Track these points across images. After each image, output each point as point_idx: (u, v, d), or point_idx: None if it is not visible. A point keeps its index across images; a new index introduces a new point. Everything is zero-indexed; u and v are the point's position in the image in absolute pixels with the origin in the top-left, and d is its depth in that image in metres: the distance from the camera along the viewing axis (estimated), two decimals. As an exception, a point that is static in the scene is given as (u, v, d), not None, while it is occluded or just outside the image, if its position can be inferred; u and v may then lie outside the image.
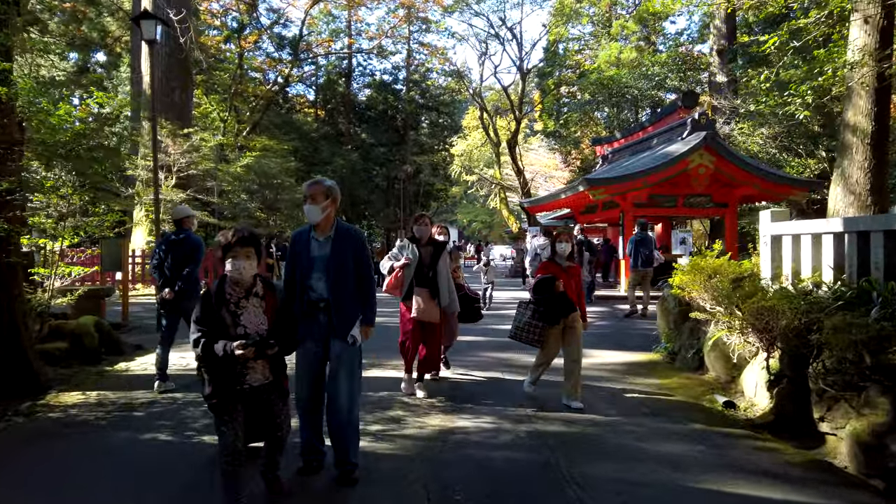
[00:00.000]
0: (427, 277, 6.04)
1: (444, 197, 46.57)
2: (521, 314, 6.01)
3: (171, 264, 6.27)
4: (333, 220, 4.05)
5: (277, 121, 36.83)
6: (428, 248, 6.13)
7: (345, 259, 3.95)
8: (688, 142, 15.28)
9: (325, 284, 3.93)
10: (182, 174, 19.53)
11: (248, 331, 3.38)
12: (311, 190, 3.96)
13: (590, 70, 31.12)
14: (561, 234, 6.21)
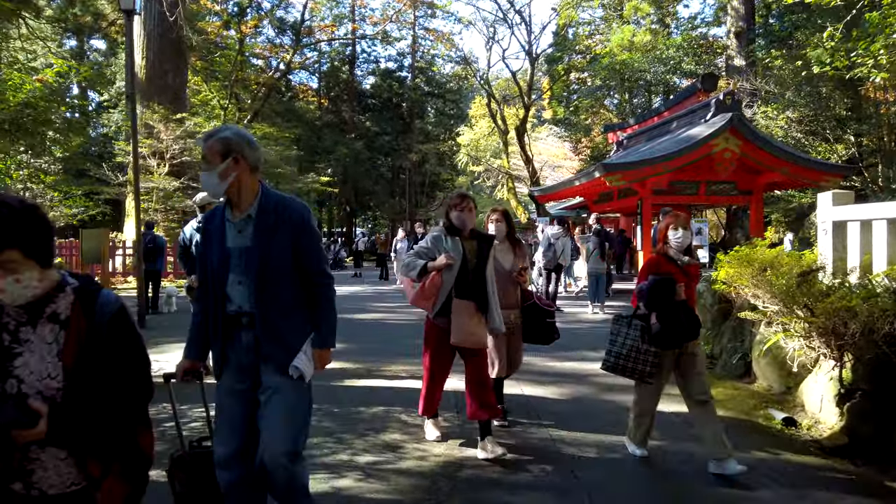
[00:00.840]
0: (471, 285, 4.11)
1: (450, 187, 45.51)
2: (622, 334, 4.13)
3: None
4: (256, 190, 2.64)
5: (279, 108, 35.88)
6: (471, 244, 4.21)
7: (275, 250, 2.61)
8: (712, 124, 14.24)
9: (246, 289, 2.61)
10: (175, 161, 18.61)
11: (23, 387, 1.67)
12: (204, 148, 2.61)
13: (601, 55, 29.99)
14: (675, 215, 4.21)
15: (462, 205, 4.15)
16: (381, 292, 15.75)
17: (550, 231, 11.26)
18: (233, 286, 2.64)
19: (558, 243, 11.04)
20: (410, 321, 10.27)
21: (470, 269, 4.10)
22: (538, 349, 5.61)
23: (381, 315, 11.13)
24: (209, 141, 2.59)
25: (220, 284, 2.64)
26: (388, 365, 6.80)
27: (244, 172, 2.59)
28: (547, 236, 11.17)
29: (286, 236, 2.62)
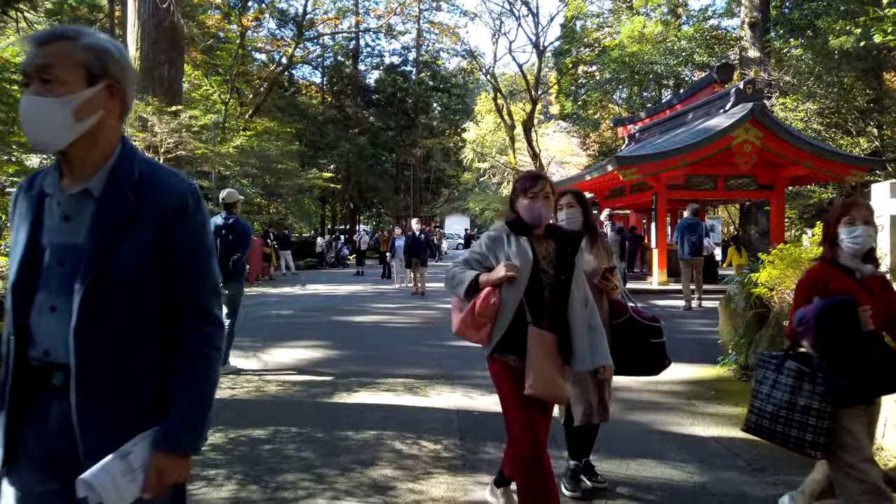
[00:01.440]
0: (550, 308, 2.76)
1: (455, 184, 44.84)
2: (768, 382, 2.82)
3: (220, 249, 6.06)
4: (112, 150, 1.55)
5: (282, 103, 35.18)
6: (546, 245, 2.81)
7: (125, 257, 1.48)
8: (731, 114, 13.48)
9: (64, 322, 1.45)
10: (170, 155, 17.93)
11: None
12: (46, 53, 1.45)
13: (611, 47, 29.19)
14: (852, 202, 2.81)
15: (535, 189, 2.73)
16: (381, 292, 15.05)
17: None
18: (40, 314, 1.49)
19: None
20: (410, 325, 9.56)
21: (547, 284, 2.71)
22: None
23: (380, 317, 10.43)
24: (60, 43, 1.45)
25: (22, 308, 1.50)
26: (383, 376, 6.10)
27: (112, 115, 1.53)
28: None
29: (148, 235, 1.51)
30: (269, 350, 7.48)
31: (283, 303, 12.71)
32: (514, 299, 2.67)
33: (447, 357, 7.08)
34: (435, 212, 44.18)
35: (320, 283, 17.64)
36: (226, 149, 19.43)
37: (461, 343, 8.13)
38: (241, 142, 20.97)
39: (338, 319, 10.08)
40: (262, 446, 4.08)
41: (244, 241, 6.32)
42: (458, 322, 2.83)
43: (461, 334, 2.87)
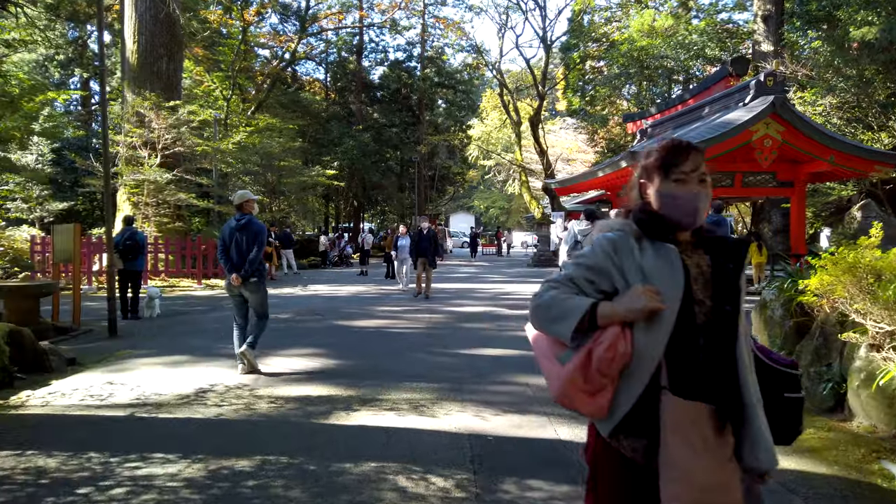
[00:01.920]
0: (706, 360, 1.70)
1: (461, 181, 44.23)
2: None
3: (236, 249, 6.32)
4: None
5: (284, 100, 34.72)
6: (699, 260, 1.81)
7: None
8: (751, 108, 12.88)
9: None
10: (168, 152, 17.42)
11: None
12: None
13: (620, 41, 28.57)
14: None
15: (685, 167, 1.78)
16: (385, 293, 14.51)
17: (577, 227, 9.89)
18: None
19: (587, 241, 9.66)
20: (415, 330, 9.01)
21: (702, 324, 1.72)
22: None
23: (383, 322, 9.88)
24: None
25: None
26: (386, 391, 5.55)
27: None
28: (573, 233, 9.81)
29: None
30: (265, 359, 6.94)
31: (283, 305, 12.17)
32: (654, 347, 1.68)
33: (456, 368, 6.52)
34: (440, 210, 43.58)
35: (322, 284, 17.11)
36: (225, 145, 18.88)
37: (470, 351, 7.62)
38: (242, 138, 20.39)
39: (338, 324, 9.54)
40: (245, 482, 3.53)
41: (259, 238, 6.37)
42: (562, 382, 1.77)
43: (564, 401, 1.78)
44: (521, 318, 9.95)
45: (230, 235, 6.37)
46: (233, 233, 6.38)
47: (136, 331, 9.22)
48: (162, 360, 7.08)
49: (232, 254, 6.35)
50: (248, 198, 6.60)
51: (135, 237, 10.68)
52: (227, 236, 6.40)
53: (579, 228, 9.66)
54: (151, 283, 16.25)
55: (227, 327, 9.63)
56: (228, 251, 6.37)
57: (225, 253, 6.40)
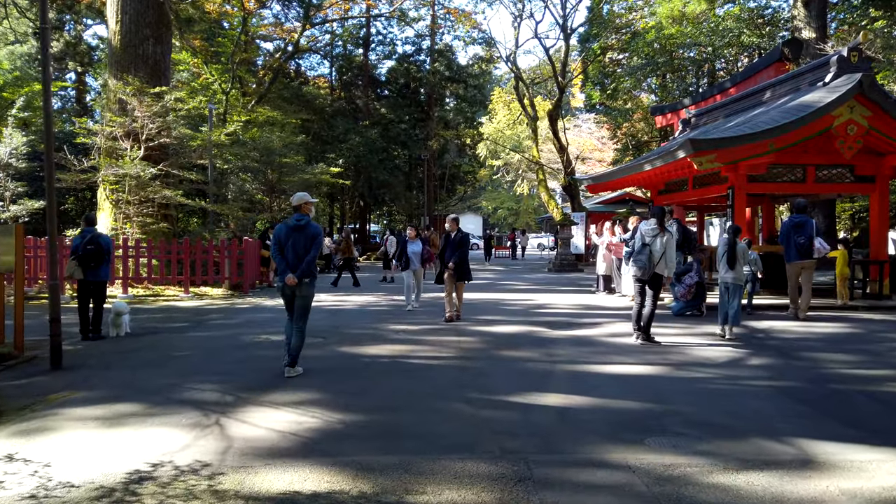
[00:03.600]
0: None
1: (471, 180, 42.25)
2: None
3: (292, 249, 6.31)
4: None
5: (287, 94, 32.83)
6: None
7: None
8: (834, 88, 10.89)
9: None
10: (153, 143, 15.51)
11: None
12: None
13: (646, 28, 26.55)
14: None
15: None
16: (397, 305, 12.59)
17: (643, 227, 8.00)
18: None
19: (656, 244, 7.76)
20: (444, 362, 7.03)
21: None
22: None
23: (400, 347, 7.91)
24: None
25: None
26: (417, 483, 3.59)
27: None
28: (641, 233, 7.94)
29: None
30: (240, 413, 5.00)
31: (277, 322, 10.20)
32: None
33: (511, 431, 4.55)
34: (450, 210, 41.63)
35: (325, 293, 15.15)
36: (216, 136, 16.93)
37: (522, 397, 5.46)
38: (237, 128, 18.43)
39: (344, 351, 7.58)
40: None
41: (316, 241, 6.39)
42: None
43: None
44: (569, 342, 7.98)
45: (287, 236, 6.37)
46: (290, 233, 6.36)
47: (90, 359, 7.29)
48: (102, 410, 5.15)
49: (288, 254, 6.33)
50: (307, 199, 6.60)
51: (97, 241, 8.75)
52: (283, 236, 6.39)
53: (645, 228, 7.80)
54: (132, 290, 14.35)
55: (207, 352, 7.73)
56: (284, 251, 6.36)
57: (280, 252, 6.38)
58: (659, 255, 7.75)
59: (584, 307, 12.02)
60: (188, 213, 24.41)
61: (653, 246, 7.77)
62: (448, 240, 9.99)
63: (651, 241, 7.81)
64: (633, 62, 28.95)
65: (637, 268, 7.88)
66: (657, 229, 7.84)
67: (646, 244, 7.82)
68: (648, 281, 7.89)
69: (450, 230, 10.04)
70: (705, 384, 5.97)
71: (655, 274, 7.84)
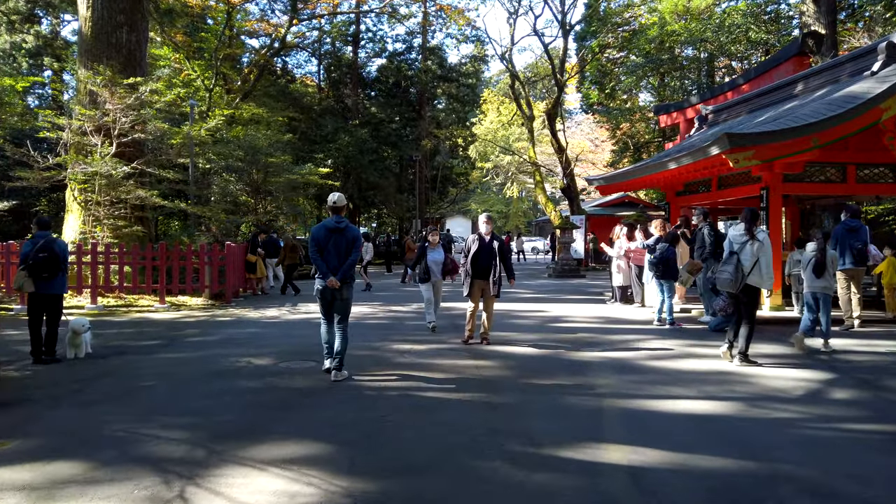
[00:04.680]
0: None
1: (464, 182, 41.06)
2: None
3: (335, 251, 6.27)
4: None
5: (273, 91, 31.49)
6: None
7: None
8: (884, 77, 9.82)
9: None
10: (126, 139, 14.18)
11: None
12: None
13: (648, 24, 25.55)
14: None
15: None
16: (398, 318, 11.39)
17: (732, 232, 7.00)
18: None
19: (745, 252, 6.77)
20: (464, 395, 5.78)
21: None
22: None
23: (409, 374, 6.68)
24: None
25: None
26: None
27: None
28: (727, 240, 6.95)
29: None
30: (213, 478, 3.78)
31: (262, 339, 8.97)
32: None
33: None
34: (443, 212, 40.42)
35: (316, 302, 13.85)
36: (196, 131, 15.61)
37: (579, 452, 4.11)
38: (219, 123, 17.11)
39: (341, 382, 6.35)
40: None
41: (356, 244, 6.37)
42: None
43: None
44: (607, 367, 6.80)
45: (326, 238, 6.30)
46: (329, 235, 6.30)
47: (36, 391, 6.00)
48: (31, 474, 3.89)
49: (330, 256, 6.28)
50: (345, 201, 6.59)
51: (51, 248, 7.46)
52: (322, 238, 6.31)
53: (734, 234, 6.77)
54: (102, 300, 13.02)
55: (177, 381, 6.47)
56: (324, 252, 6.28)
57: (320, 254, 6.30)
58: (750, 264, 6.73)
59: (605, 320, 10.86)
60: (168, 215, 23.05)
61: (741, 254, 6.79)
62: (482, 244, 8.22)
63: (739, 248, 6.82)
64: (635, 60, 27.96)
65: (723, 280, 6.88)
66: (746, 235, 6.84)
67: (734, 252, 6.85)
68: (740, 295, 6.90)
69: (484, 233, 8.28)
70: (799, 428, 4.81)
71: (749, 286, 6.83)
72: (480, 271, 8.16)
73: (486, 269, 8.12)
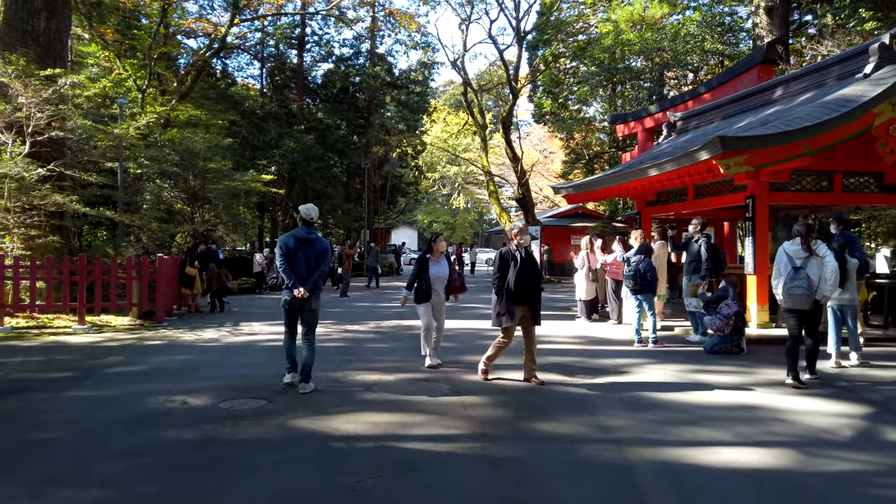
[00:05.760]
0: None
1: (413, 191, 39.98)
2: None
3: (304, 262, 6.21)
4: None
5: (212, 94, 29.70)
6: None
7: None
8: (878, 80, 9.28)
9: None
10: (42, 137, 12.52)
11: None
12: None
13: (604, 33, 25.15)
14: None
15: None
16: (356, 338, 10.20)
17: (789, 247, 6.43)
18: None
19: (812, 267, 6.47)
20: (461, 443, 4.65)
21: None
22: None
23: (384, 419, 5.52)
24: None
25: None
26: None
27: None
28: (786, 256, 6.33)
29: None
30: None
31: (198, 369, 7.62)
32: None
33: None
34: (392, 223, 39.21)
35: (261, 321, 12.50)
36: (122, 130, 14.02)
37: None
38: (149, 120, 15.53)
39: (300, 428, 5.13)
40: None
41: (326, 256, 6.32)
42: None
43: None
44: (615, 402, 5.82)
45: (296, 247, 6.21)
46: (299, 245, 6.22)
47: None
48: None
49: (299, 267, 6.17)
50: (317, 212, 6.52)
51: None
52: (292, 249, 6.20)
53: (794, 248, 5.99)
54: (10, 321, 11.31)
55: (86, 433, 5.11)
56: (292, 263, 6.17)
57: (289, 265, 6.16)
58: (817, 279, 6.43)
59: (586, 340, 9.93)
60: (94, 224, 21.13)
61: (808, 269, 6.46)
62: (517, 260, 6.46)
63: (804, 262, 6.49)
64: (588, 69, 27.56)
65: (796, 297, 6.43)
66: (803, 251, 6.52)
67: (799, 267, 6.39)
68: (810, 312, 6.56)
69: (518, 246, 6.57)
70: (876, 487, 3.91)
71: (816, 302, 6.54)
72: (525, 295, 6.43)
73: (531, 291, 6.46)
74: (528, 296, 6.44)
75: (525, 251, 6.61)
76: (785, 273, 6.54)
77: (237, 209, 26.29)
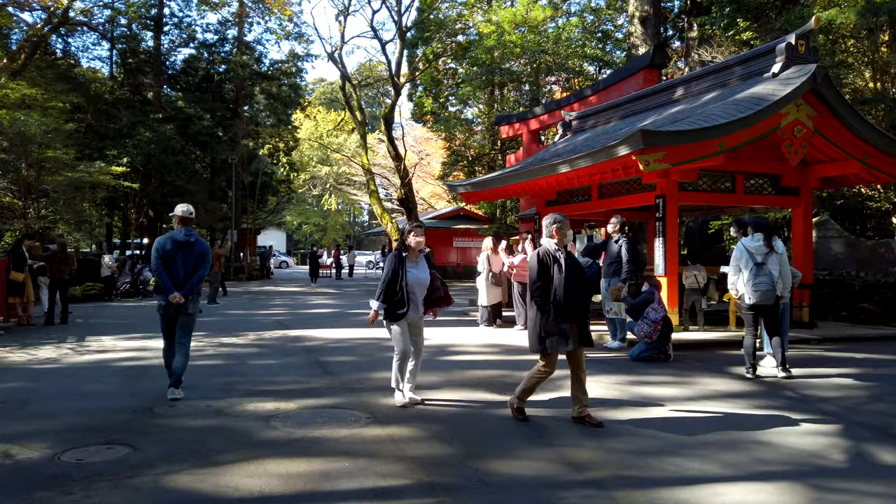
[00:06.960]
0: None
1: (286, 190, 37.73)
2: None
3: (183, 266, 5.90)
4: None
5: (51, 74, 26.00)
6: None
7: None
8: (787, 80, 9.22)
9: None
10: None
11: None
12: None
13: (487, 33, 24.80)
14: None
15: None
16: (258, 351, 8.69)
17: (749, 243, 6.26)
18: None
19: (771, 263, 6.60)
20: (405, 499, 3.54)
21: None
22: None
23: (295, 463, 4.24)
24: None
25: None
26: None
27: None
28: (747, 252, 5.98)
29: None
30: None
31: (32, 401, 5.87)
32: None
33: None
34: (261, 223, 36.73)
35: (113, 335, 10.45)
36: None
37: None
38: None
39: (181, 491, 3.75)
40: None
41: (206, 259, 6.03)
42: None
43: None
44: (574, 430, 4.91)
45: (174, 252, 5.87)
46: (177, 249, 5.87)
47: None
48: None
49: (177, 271, 5.84)
50: (194, 212, 6.18)
51: None
52: (169, 252, 5.86)
53: (756, 245, 5.51)
54: None
55: None
56: (170, 267, 5.83)
57: (165, 269, 5.83)
58: (777, 276, 6.62)
59: (501, 349, 9.10)
60: None
61: (769, 265, 6.58)
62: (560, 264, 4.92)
63: (765, 259, 6.58)
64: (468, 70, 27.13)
65: (761, 293, 6.56)
66: (765, 247, 6.61)
67: (762, 263, 6.56)
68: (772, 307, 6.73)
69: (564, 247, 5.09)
70: None
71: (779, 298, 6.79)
72: (575, 309, 4.92)
73: (581, 304, 4.97)
74: (579, 310, 4.94)
75: (567, 252, 5.07)
76: (747, 269, 6.56)
77: (81, 205, 23.18)
